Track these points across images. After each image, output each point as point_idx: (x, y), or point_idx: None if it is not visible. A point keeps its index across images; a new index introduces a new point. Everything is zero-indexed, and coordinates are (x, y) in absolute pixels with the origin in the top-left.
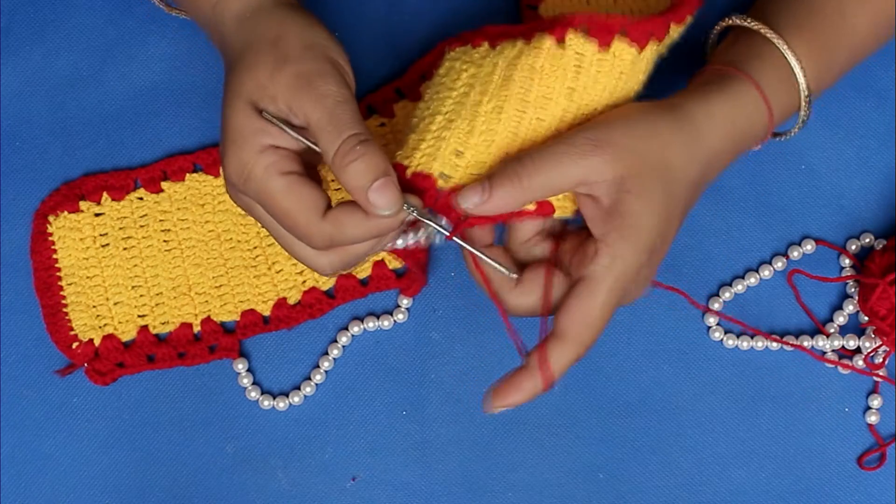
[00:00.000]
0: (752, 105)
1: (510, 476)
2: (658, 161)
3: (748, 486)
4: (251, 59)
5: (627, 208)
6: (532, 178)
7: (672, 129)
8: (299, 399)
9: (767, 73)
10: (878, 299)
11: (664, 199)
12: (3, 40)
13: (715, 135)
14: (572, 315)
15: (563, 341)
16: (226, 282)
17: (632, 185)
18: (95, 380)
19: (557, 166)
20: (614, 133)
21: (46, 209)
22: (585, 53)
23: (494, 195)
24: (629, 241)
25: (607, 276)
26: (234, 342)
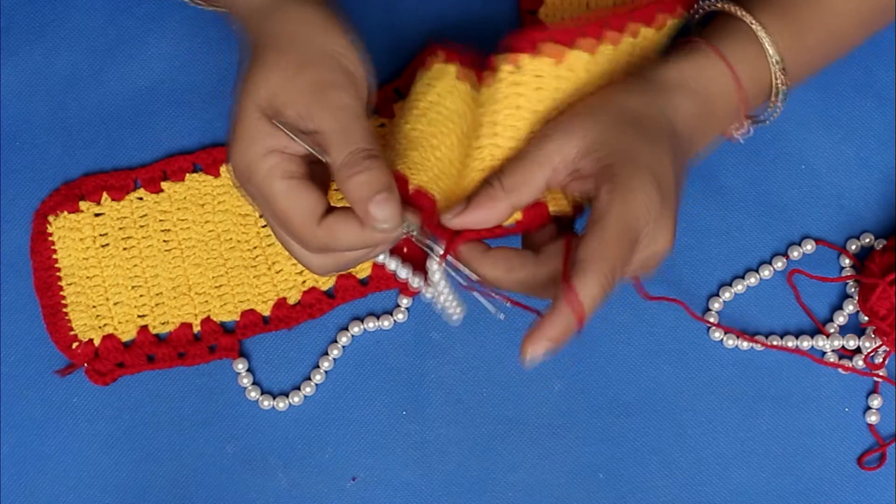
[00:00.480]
0: (713, 68)
1: (510, 476)
2: (617, 113)
3: (748, 486)
4: (268, 60)
5: (609, 163)
6: (504, 181)
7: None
8: (299, 399)
9: (730, 41)
10: (878, 299)
11: (640, 137)
12: (3, 40)
13: (674, 90)
14: (588, 244)
15: (585, 271)
16: (226, 282)
17: (602, 143)
18: (95, 380)
19: (523, 164)
20: (562, 116)
21: (46, 209)
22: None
23: (472, 206)
24: (625, 173)
25: (612, 206)
26: (234, 342)
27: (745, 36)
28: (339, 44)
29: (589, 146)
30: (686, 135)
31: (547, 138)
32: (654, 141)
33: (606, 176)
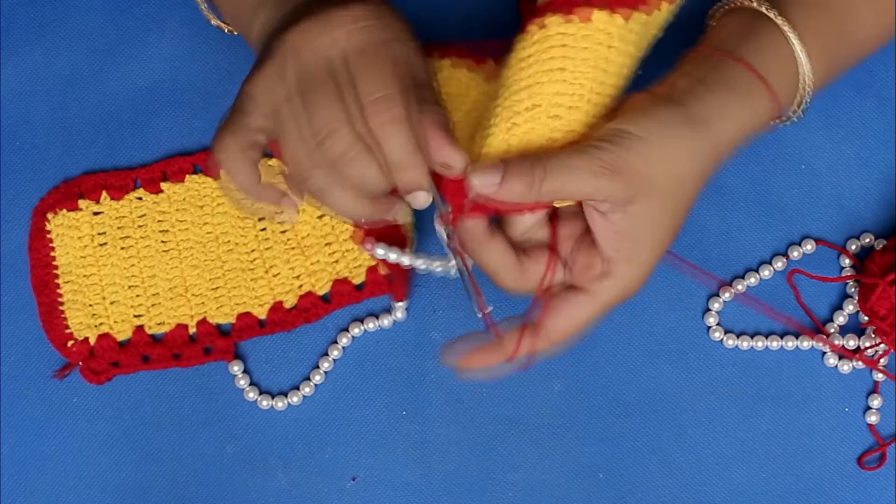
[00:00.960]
0: (764, 108)
1: (510, 476)
2: (670, 180)
3: (748, 486)
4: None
5: (637, 233)
6: (544, 182)
7: (690, 144)
8: (298, 399)
9: (779, 70)
10: (878, 299)
11: (672, 219)
12: (3, 40)
13: (729, 141)
14: (563, 321)
15: (545, 339)
16: (222, 284)
17: (641, 210)
18: (90, 378)
19: (570, 180)
20: (632, 160)
21: (45, 206)
22: (567, 31)
23: (505, 185)
24: (635, 266)
25: (609, 295)
26: (230, 344)
27: (788, 63)
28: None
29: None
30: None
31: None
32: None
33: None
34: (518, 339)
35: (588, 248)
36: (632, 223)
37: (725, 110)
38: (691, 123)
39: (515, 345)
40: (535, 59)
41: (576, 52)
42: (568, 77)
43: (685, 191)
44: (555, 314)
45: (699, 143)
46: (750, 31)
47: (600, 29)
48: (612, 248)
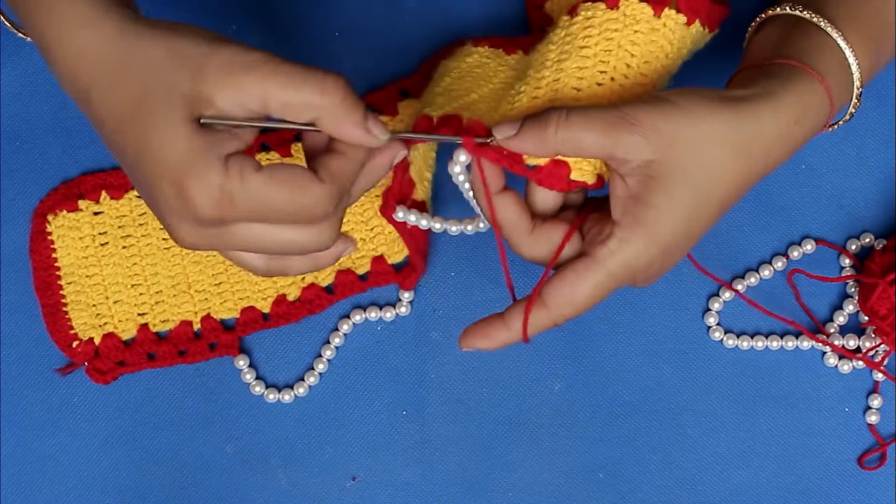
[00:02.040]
0: (819, 103)
1: (510, 476)
2: (695, 156)
3: (748, 486)
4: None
5: (650, 199)
6: (560, 130)
7: (725, 129)
8: (304, 390)
9: (829, 66)
10: (878, 299)
11: (694, 199)
12: (3, 40)
13: (774, 136)
14: (562, 289)
15: (545, 308)
16: (225, 279)
17: (660, 174)
18: (96, 378)
19: (588, 130)
20: (656, 116)
21: (45, 208)
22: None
23: (522, 133)
24: (642, 234)
25: (609, 261)
26: (234, 339)
27: (838, 62)
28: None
29: (649, 168)
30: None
31: (622, 128)
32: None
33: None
34: (526, 313)
35: (604, 217)
36: (647, 186)
37: (768, 92)
38: (729, 101)
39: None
40: (563, 41)
41: (600, 32)
42: (590, 54)
43: (715, 167)
44: (554, 282)
45: (734, 116)
46: (788, 36)
47: (627, 14)
48: (621, 211)
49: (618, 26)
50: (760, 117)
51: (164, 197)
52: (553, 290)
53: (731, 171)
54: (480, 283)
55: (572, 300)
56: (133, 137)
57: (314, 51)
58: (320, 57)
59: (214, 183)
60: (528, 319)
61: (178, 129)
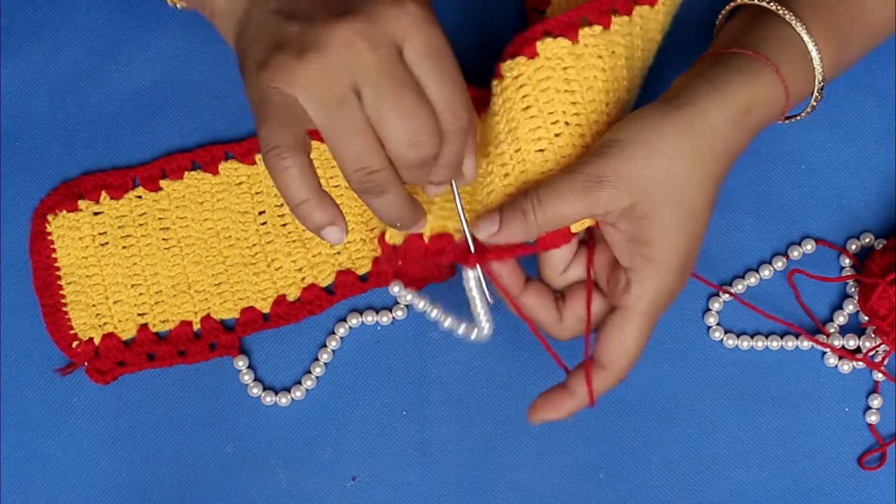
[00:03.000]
0: (770, 89)
1: (510, 476)
2: (667, 180)
3: (748, 486)
4: None
5: (647, 236)
6: (538, 213)
7: (680, 138)
8: (301, 394)
9: (785, 55)
10: (878, 299)
11: (682, 212)
12: (3, 40)
13: (733, 130)
14: (611, 346)
15: (603, 369)
16: (225, 279)
17: (645, 211)
18: (96, 379)
19: (562, 203)
20: (612, 163)
21: (45, 208)
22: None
23: (504, 228)
24: (656, 268)
25: (640, 305)
26: (234, 340)
27: (796, 51)
28: None
29: (632, 211)
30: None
31: (592, 189)
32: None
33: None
34: (588, 380)
35: (616, 267)
36: (640, 226)
37: (714, 87)
38: (675, 110)
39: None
40: (503, 108)
41: (534, 87)
42: (536, 112)
43: (686, 179)
44: (602, 343)
45: (683, 123)
46: (750, 25)
47: (548, 57)
48: (627, 257)
49: (547, 73)
50: (709, 113)
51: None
52: (605, 351)
53: (700, 173)
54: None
55: (625, 353)
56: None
57: None
58: None
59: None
60: (591, 385)
61: None
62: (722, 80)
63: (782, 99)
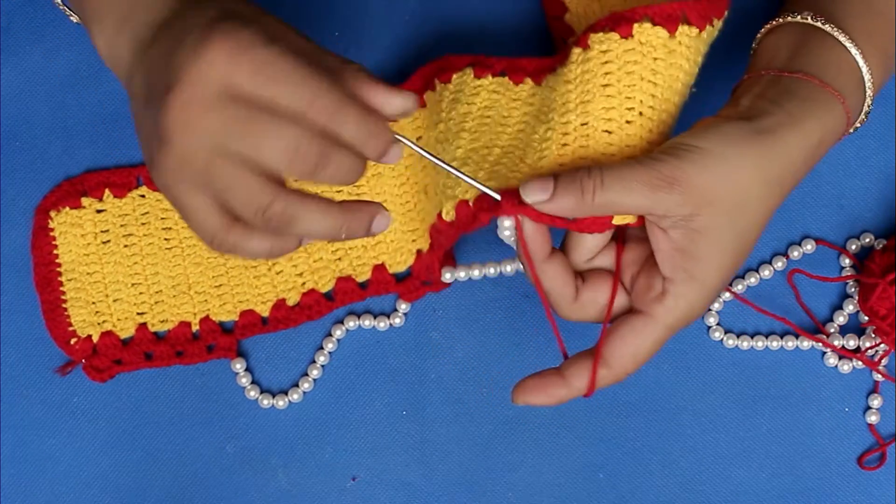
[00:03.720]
0: (838, 122)
1: (510, 476)
2: (734, 200)
3: (748, 486)
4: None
5: (698, 250)
6: (597, 195)
7: (759, 165)
8: (298, 396)
9: (847, 85)
10: (878, 299)
11: (737, 238)
12: (3, 40)
13: (802, 162)
14: (624, 348)
15: (608, 368)
16: (225, 281)
17: (703, 224)
18: (93, 376)
19: (625, 193)
20: (692, 172)
21: (48, 204)
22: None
23: (556, 198)
24: (697, 286)
25: (668, 318)
26: (233, 342)
27: (853, 76)
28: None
29: (691, 222)
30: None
31: (661, 188)
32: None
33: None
34: (594, 372)
35: (650, 269)
36: (693, 240)
37: (795, 120)
38: (757, 135)
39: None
40: (581, 79)
41: (620, 67)
42: (614, 92)
43: (752, 206)
44: (614, 342)
45: (765, 151)
46: (804, 46)
47: (642, 42)
48: (670, 267)
49: (636, 57)
50: (789, 147)
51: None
52: (615, 350)
53: (766, 204)
54: (481, 282)
55: (635, 358)
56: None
57: None
58: None
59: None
60: (595, 380)
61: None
62: (800, 113)
63: (844, 128)
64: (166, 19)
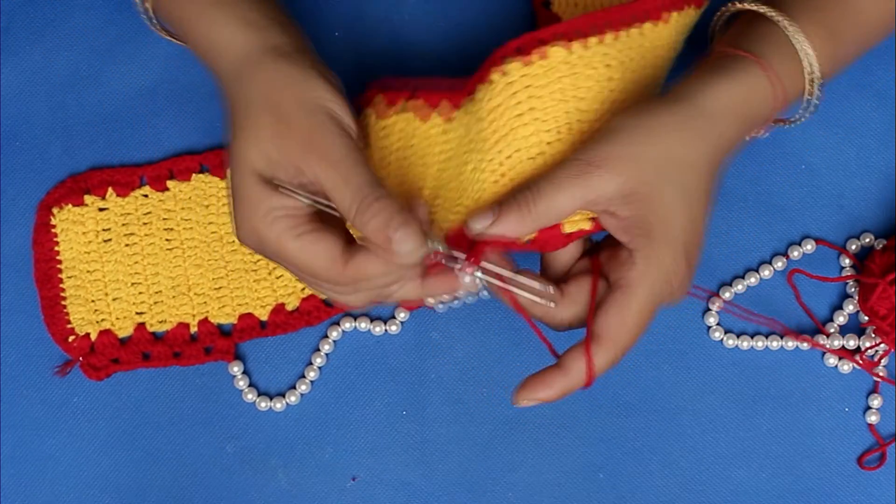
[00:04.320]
0: (761, 85)
1: (510, 476)
2: (663, 160)
3: (748, 486)
4: (251, 128)
5: (648, 214)
6: (537, 204)
7: (676, 124)
8: (296, 399)
9: (777, 54)
10: (878, 299)
11: (680, 194)
12: (3, 40)
13: (724, 119)
14: (609, 319)
15: (601, 343)
16: (225, 284)
17: (642, 192)
18: (90, 374)
19: (558, 191)
20: (607, 147)
21: (51, 201)
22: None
23: (500, 220)
24: (661, 245)
25: (643, 280)
26: (230, 345)
27: (788, 49)
28: (322, 92)
29: (630, 193)
30: (723, 165)
31: (588, 173)
32: (694, 200)
33: (642, 239)
34: (588, 361)
35: (616, 249)
36: (638, 208)
37: (711, 86)
38: (669, 105)
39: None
40: (504, 106)
41: (540, 90)
42: (538, 115)
43: (685, 162)
44: (601, 318)
45: (678, 111)
46: (746, 31)
47: (560, 61)
48: (629, 237)
49: (541, 81)
50: (701, 103)
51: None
52: (604, 325)
53: (695, 157)
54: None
55: (625, 328)
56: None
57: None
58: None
59: (254, 227)
60: (591, 360)
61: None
62: (713, 77)
63: (771, 94)
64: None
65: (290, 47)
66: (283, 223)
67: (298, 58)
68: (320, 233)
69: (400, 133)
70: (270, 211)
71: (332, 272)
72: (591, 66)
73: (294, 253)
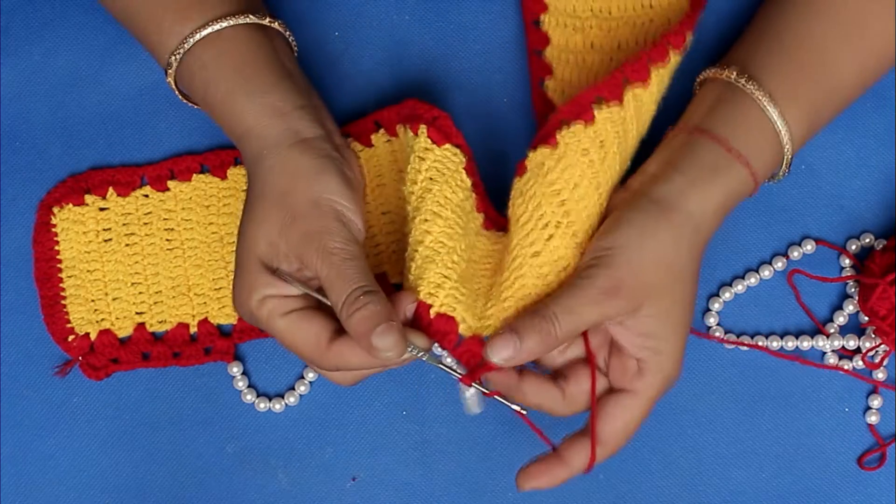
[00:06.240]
0: (744, 186)
1: (510, 476)
2: (667, 279)
3: (748, 486)
4: (261, 214)
5: (656, 330)
6: (557, 334)
7: (674, 238)
8: (295, 399)
9: (755, 139)
10: (878, 299)
11: (681, 306)
12: (3, 40)
13: (713, 220)
14: (615, 424)
15: (603, 445)
16: (225, 284)
17: (651, 307)
18: (89, 374)
19: (577, 319)
20: (620, 274)
21: (51, 200)
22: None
23: (524, 350)
24: (665, 358)
25: (651, 391)
26: (230, 346)
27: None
28: (333, 187)
29: (638, 312)
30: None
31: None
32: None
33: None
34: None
35: (620, 353)
36: (646, 323)
37: (697, 191)
38: (665, 215)
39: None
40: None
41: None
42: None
43: (682, 274)
44: (606, 420)
45: (677, 229)
46: (721, 103)
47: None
48: (638, 349)
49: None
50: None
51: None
52: (608, 427)
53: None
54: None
55: (627, 432)
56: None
57: (314, 51)
58: (320, 57)
59: (248, 306)
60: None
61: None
62: (700, 181)
63: (758, 182)
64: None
65: (311, 132)
66: (274, 303)
67: (317, 145)
68: (309, 314)
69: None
70: (265, 294)
71: (315, 354)
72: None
73: (280, 330)
